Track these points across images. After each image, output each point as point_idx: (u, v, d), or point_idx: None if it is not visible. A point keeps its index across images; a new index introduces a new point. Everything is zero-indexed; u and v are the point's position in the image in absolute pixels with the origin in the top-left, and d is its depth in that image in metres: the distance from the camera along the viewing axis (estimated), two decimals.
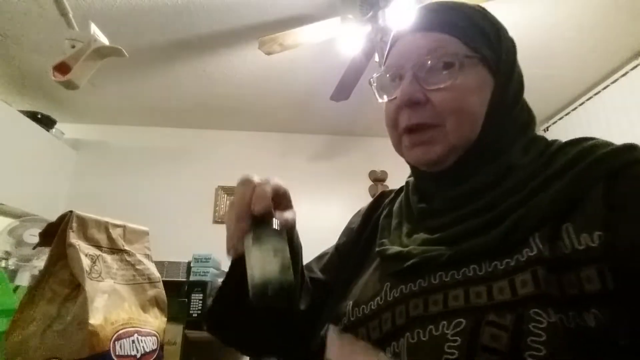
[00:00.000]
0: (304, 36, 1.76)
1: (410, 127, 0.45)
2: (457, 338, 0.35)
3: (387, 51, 0.52)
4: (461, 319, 0.36)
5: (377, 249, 0.51)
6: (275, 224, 0.41)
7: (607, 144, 0.41)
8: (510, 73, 0.46)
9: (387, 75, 0.49)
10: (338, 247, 0.62)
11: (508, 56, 0.47)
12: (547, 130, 2.82)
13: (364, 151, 3.12)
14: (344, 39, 1.76)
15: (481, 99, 0.44)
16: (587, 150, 0.40)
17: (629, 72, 2.18)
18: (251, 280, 0.37)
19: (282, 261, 0.39)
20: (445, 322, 0.37)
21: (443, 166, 0.46)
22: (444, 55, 0.44)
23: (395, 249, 0.47)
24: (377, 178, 3.08)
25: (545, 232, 0.37)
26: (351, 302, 0.48)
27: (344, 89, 2.10)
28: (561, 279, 0.34)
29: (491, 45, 0.46)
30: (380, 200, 0.61)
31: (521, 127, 0.48)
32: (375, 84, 0.50)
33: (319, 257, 0.63)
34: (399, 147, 0.49)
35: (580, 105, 2.53)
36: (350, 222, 0.64)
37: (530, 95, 0.51)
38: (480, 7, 0.50)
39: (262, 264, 0.38)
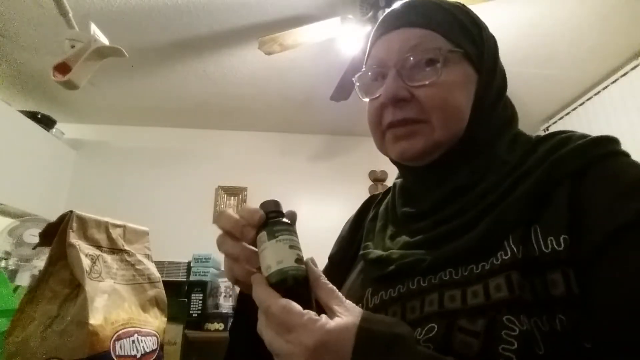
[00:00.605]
0: (304, 36, 1.76)
1: (394, 122, 0.44)
2: (429, 345, 0.35)
3: (368, 49, 0.51)
4: (433, 324, 0.36)
5: (361, 252, 0.51)
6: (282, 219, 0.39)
7: (579, 137, 0.40)
8: (493, 69, 0.46)
9: (369, 73, 0.48)
10: (331, 258, 0.61)
11: (490, 52, 0.46)
12: (547, 130, 2.82)
13: (364, 151, 3.12)
14: (344, 39, 1.76)
15: (466, 94, 0.44)
16: (556, 146, 0.40)
17: (629, 72, 2.18)
18: (268, 272, 0.35)
19: (298, 252, 0.37)
20: (419, 329, 0.36)
21: (427, 160, 0.45)
22: (427, 51, 0.43)
23: (376, 253, 0.47)
24: (377, 178, 3.08)
25: (518, 234, 0.37)
26: None
27: (344, 89, 2.10)
28: (533, 282, 0.34)
29: (474, 41, 0.45)
30: (369, 205, 0.61)
31: (505, 122, 0.48)
32: (357, 83, 0.50)
33: None
34: (382, 145, 0.49)
35: (580, 105, 2.53)
36: (341, 231, 0.64)
37: (530, 95, 0.51)
38: (461, 4, 0.49)
39: (279, 256, 0.36)
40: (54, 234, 0.59)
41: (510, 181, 0.40)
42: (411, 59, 0.43)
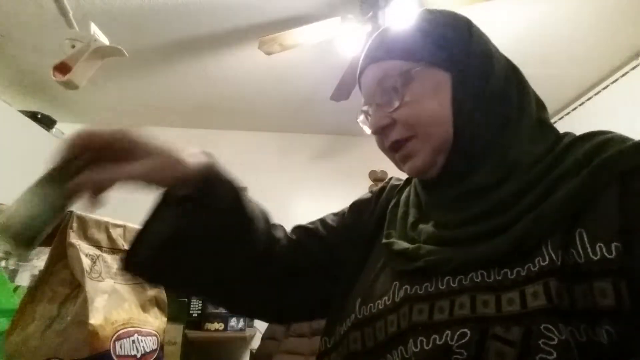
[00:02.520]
0: (304, 36, 1.76)
1: (391, 146, 0.48)
2: (462, 351, 0.34)
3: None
4: (466, 329, 0.35)
5: (383, 241, 0.50)
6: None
7: (622, 139, 0.39)
8: (465, 61, 0.46)
9: (362, 110, 0.53)
10: (346, 224, 0.61)
11: (460, 48, 0.47)
12: None
13: (364, 151, 3.12)
14: (344, 39, 1.76)
15: (439, 100, 0.45)
16: (600, 147, 0.38)
17: (629, 72, 2.18)
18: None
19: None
20: (449, 332, 0.35)
21: (435, 170, 0.47)
22: (390, 79, 0.47)
23: (401, 245, 0.47)
24: (377, 178, 3.08)
25: (558, 239, 0.35)
26: (359, 299, 0.48)
27: (344, 89, 2.10)
28: (573, 289, 0.33)
29: (439, 45, 0.47)
30: (391, 191, 0.61)
31: (511, 113, 0.46)
32: (361, 121, 0.54)
33: (324, 219, 0.64)
34: (399, 166, 0.52)
35: (580, 105, 2.53)
36: (359, 205, 0.64)
37: None
38: (423, 11, 0.51)
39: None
40: (54, 234, 0.59)
41: (549, 181, 0.38)
42: (381, 91, 0.48)
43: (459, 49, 0.46)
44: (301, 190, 3.02)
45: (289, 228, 0.66)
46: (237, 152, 3.07)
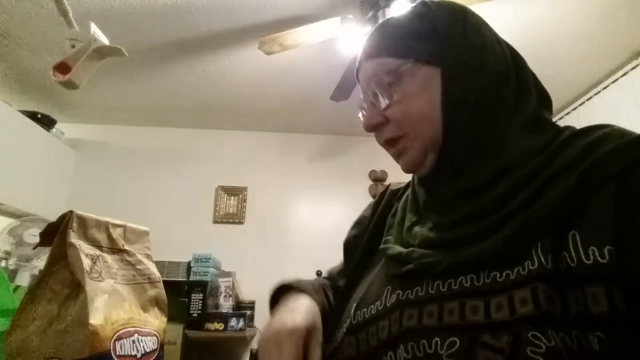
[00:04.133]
0: (304, 36, 1.76)
1: (384, 143, 0.49)
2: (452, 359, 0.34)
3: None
4: (455, 338, 0.35)
5: (381, 247, 0.51)
6: None
7: (621, 133, 0.37)
8: (455, 55, 0.44)
9: (360, 106, 0.53)
10: (348, 241, 0.63)
11: (450, 43, 0.45)
12: None
13: (364, 151, 3.12)
14: (344, 39, 1.76)
15: (427, 98, 0.44)
16: (596, 143, 0.37)
17: (629, 72, 2.18)
18: None
19: None
20: (438, 339, 0.36)
21: (427, 168, 0.47)
22: (381, 77, 0.47)
23: (396, 249, 0.47)
24: (377, 178, 3.08)
25: (548, 242, 0.34)
26: (355, 304, 0.48)
27: (344, 89, 2.10)
28: (565, 294, 0.32)
29: (428, 40, 0.46)
30: (391, 198, 0.61)
31: (505, 106, 0.44)
32: (361, 116, 0.54)
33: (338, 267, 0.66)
34: (396, 160, 0.52)
35: (580, 105, 2.53)
36: (361, 216, 0.65)
37: None
38: (415, 6, 0.50)
39: None
40: (54, 233, 0.59)
41: (541, 180, 0.37)
42: (373, 88, 0.48)
43: (449, 43, 0.45)
44: (301, 190, 3.02)
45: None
46: (237, 152, 3.08)
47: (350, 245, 0.62)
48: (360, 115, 0.53)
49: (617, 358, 0.29)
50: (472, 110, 0.43)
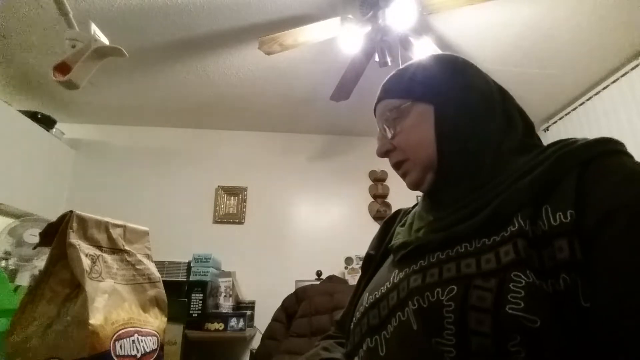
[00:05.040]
0: (304, 36, 1.76)
1: (393, 166, 0.62)
2: (451, 303, 0.42)
3: None
4: (453, 286, 0.43)
5: (389, 247, 0.61)
6: None
7: (584, 139, 0.48)
8: (444, 94, 0.56)
9: (377, 137, 0.65)
10: (367, 256, 0.71)
11: (437, 85, 0.57)
12: (547, 130, 2.82)
13: (364, 151, 3.12)
14: (344, 39, 1.76)
15: (424, 129, 0.56)
16: (565, 145, 0.48)
17: (629, 72, 2.18)
18: None
19: None
20: (439, 289, 0.44)
21: (428, 185, 0.58)
22: (389, 114, 0.60)
23: (401, 239, 0.58)
24: (377, 178, 3.08)
25: (527, 212, 0.44)
26: (367, 294, 0.57)
27: (344, 89, 2.10)
28: (541, 253, 0.41)
29: (424, 84, 0.58)
30: (397, 215, 0.73)
31: (491, 134, 0.54)
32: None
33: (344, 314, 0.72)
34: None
35: (580, 105, 2.53)
36: (375, 235, 0.74)
37: (531, 95, 0.52)
38: (428, 55, 0.62)
39: None
40: (54, 234, 0.59)
41: (520, 172, 0.47)
42: (383, 123, 0.62)
43: (440, 84, 0.57)
44: (301, 190, 3.02)
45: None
46: (237, 152, 3.08)
47: (366, 261, 0.71)
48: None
49: (577, 294, 0.38)
50: (460, 137, 0.54)
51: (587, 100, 2.47)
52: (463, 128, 0.54)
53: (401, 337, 0.46)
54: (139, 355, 0.59)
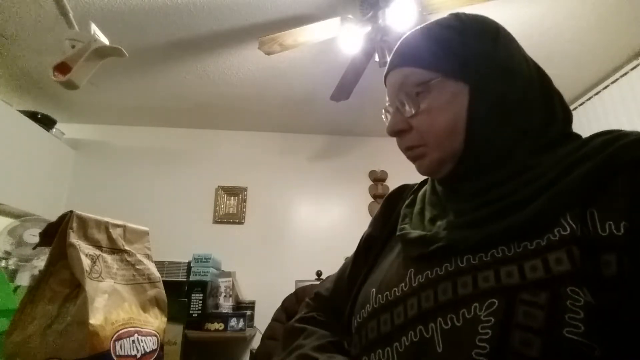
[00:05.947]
0: (304, 36, 1.76)
1: (403, 149, 0.52)
2: (491, 318, 0.35)
3: None
4: (494, 299, 0.36)
5: (397, 234, 0.52)
6: None
7: (633, 132, 0.41)
8: (484, 73, 0.46)
9: (385, 112, 0.55)
10: (367, 238, 0.64)
11: (477, 59, 0.46)
12: None
13: (364, 151, 3.12)
14: (344, 39, 1.76)
15: (453, 112, 0.46)
16: (614, 138, 0.40)
17: (629, 72, 2.18)
18: None
19: None
20: (477, 304, 0.37)
21: (444, 174, 0.49)
22: (411, 87, 0.48)
23: (417, 232, 0.48)
24: (377, 178, 3.08)
25: (577, 212, 0.37)
26: (374, 290, 0.49)
27: (344, 89, 2.10)
28: (592, 259, 0.35)
29: (459, 55, 0.47)
30: (401, 192, 0.64)
31: (531, 124, 0.46)
32: (383, 117, 0.56)
33: (341, 273, 0.67)
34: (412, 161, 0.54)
35: (580, 105, 2.53)
36: (376, 214, 0.66)
37: None
38: (448, 17, 0.51)
39: None
40: (54, 234, 0.59)
41: (566, 164, 0.40)
42: (401, 96, 0.49)
43: (479, 61, 0.46)
44: (301, 190, 3.02)
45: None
46: (237, 152, 3.08)
47: (366, 243, 0.63)
48: (383, 117, 0.55)
49: (620, 315, 0.33)
50: (496, 126, 0.45)
51: (587, 100, 2.47)
52: (501, 116, 0.45)
53: (418, 356, 0.39)
54: (139, 355, 0.59)
